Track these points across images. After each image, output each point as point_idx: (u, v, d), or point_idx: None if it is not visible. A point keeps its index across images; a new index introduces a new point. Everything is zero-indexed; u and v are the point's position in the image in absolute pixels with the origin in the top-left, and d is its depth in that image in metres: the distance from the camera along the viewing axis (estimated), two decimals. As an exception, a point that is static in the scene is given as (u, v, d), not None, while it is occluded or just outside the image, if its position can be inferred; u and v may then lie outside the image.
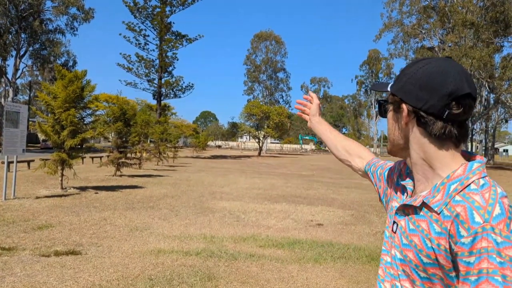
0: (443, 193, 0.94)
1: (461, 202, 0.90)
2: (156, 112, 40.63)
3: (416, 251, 0.94)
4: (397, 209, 1.05)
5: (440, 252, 0.90)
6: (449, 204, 0.91)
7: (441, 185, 0.95)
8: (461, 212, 0.88)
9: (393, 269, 1.03)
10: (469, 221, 0.86)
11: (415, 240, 0.95)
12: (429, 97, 0.95)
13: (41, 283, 4.46)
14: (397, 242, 1.01)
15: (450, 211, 0.90)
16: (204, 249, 6.09)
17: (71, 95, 11.36)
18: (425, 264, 0.93)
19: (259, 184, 15.85)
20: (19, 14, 42.31)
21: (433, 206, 0.93)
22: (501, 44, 38.18)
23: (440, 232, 0.90)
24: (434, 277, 0.92)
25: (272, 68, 77.07)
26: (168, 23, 40.80)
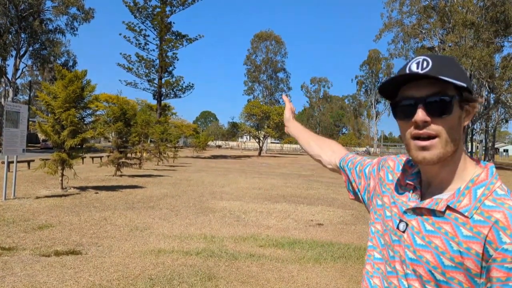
0: (470, 197, 0.93)
1: (497, 207, 0.89)
2: (156, 112, 40.62)
3: (437, 253, 0.93)
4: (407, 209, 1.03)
5: (470, 256, 0.89)
6: (480, 208, 0.91)
7: (466, 189, 0.95)
8: (501, 218, 0.87)
9: (399, 267, 1.01)
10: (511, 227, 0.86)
11: (436, 242, 0.94)
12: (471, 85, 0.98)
13: (41, 283, 4.46)
14: (409, 242, 0.99)
15: (484, 216, 0.89)
16: (205, 249, 6.09)
17: (71, 95, 11.36)
18: (446, 267, 0.91)
19: (259, 184, 15.85)
20: (19, 14, 42.31)
21: (463, 211, 0.92)
22: (501, 44, 38.25)
23: (471, 236, 0.89)
24: (452, 280, 0.91)
25: (272, 68, 77.08)
26: (168, 23, 40.79)
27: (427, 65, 0.95)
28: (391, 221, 1.07)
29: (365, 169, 1.28)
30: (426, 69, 0.95)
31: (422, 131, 0.95)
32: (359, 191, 1.29)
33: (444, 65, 0.95)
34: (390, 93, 1.04)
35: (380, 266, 1.07)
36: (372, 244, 1.12)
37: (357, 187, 1.30)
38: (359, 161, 1.33)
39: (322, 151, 1.48)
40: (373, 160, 1.30)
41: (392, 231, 1.05)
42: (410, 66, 0.99)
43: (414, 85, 0.97)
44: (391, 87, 1.02)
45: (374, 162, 1.28)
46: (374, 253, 1.10)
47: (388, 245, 1.05)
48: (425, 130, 0.95)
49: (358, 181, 1.29)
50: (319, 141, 1.53)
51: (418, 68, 0.96)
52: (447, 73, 0.93)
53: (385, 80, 1.00)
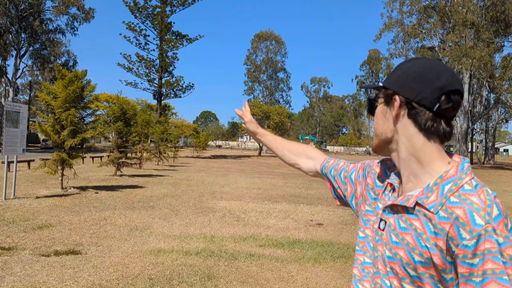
0: (437, 193, 0.95)
1: (459, 203, 0.90)
2: (156, 112, 40.62)
3: (408, 249, 0.95)
4: (385, 207, 1.06)
5: (436, 251, 0.90)
6: (445, 205, 0.92)
7: (435, 185, 0.96)
8: (461, 215, 0.88)
9: (380, 266, 1.03)
10: (471, 223, 0.87)
11: (407, 238, 0.96)
12: (422, 88, 0.99)
13: (41, 282, 4.46)
14: (386, 240, 1.01)
15: (447, 212, 0.91)
16: (204, 248, 6.09)
17: (71, 95, 11.36)
18: (416, 263, 0.93)
19: (259, 184, 15.86)
20: (19, 14, 42.33)
21: (429, 207, 0.94)
22: (501, 44, 38.20)
23: (436, 232, 0.91)
24: (423, 275, 0.93)
25: (272, 68, 77.16)
26: (169, 23, 40.79)
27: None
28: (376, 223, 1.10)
29: (350, 175, 1.29)
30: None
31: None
32: (345, 197, 1.30)
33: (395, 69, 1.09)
34: None
35: (370, 270, 1.08)
36: (360, 248, 1.14)
37: (343, 193, 1.31)
38: (342, 167, 1.34)
39: (299, 158, 1.48)
40: (356, 164, 1.31)
41: (376, 232, 1.08)
42: None
43: None
44: None
45: (358, 166, 1.29)
46: (363, 257, 1.12)
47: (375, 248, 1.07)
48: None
49: (343, 187, 1.30)
50: (294, 147, 1.52)
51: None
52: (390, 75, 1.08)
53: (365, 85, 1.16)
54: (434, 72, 1.00)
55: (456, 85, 0.98)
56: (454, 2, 36.77)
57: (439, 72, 1.00)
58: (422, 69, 1.01)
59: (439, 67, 1.01)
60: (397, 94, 1.02)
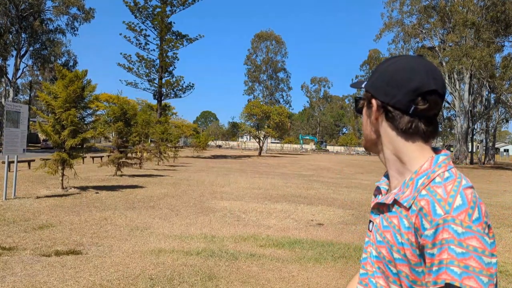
0: (412, 188, 0.95)
1: (426, 196, 0.91)
2: (156, 112, 40.61)
3: (388, 246, 0.96)
4: (372, 208, 1.07)
5: (408, 246, 0.91)
6: (416, 198, 0.93)
7: (410, 180, 0.97)
8: (425, 206, 0.89)
9: (369, 267, 1.04)
10: (431, 213, 0.87)
11: (388, 236, 0.97)
12: (395, 92, 0.99)
13: (41, 282, 4.46)
14: (373, 240, 1.03)
15: (416, 205, 0.92)
16: (205, 248, 6.09)
17: (72, 95, 11.36)
18: (396, 260, 0.94)
19: (260, 184, 15.85)
20: (20, 14, 42.34)
21: (403, 202, 0.95)
22: (501, 43, 38.18)
23: (408, 226, 0.92)
24: (401, 274, 0.94)
25: (273, 68, 77.12)
26: (169, 23, 40.81)
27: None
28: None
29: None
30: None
31: None
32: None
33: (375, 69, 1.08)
34: None
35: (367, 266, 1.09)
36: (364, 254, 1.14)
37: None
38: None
39: None
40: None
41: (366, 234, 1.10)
42: None
43: None
44: None
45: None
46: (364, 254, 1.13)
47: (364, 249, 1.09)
48: None
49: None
50: None
51: None
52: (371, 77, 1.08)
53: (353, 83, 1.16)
54: (407, 73, 0.98)
55: (432, 85, 0.96)
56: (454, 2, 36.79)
57: (413, 73, 0.98)
58: (395, 71, 1.00)
59: (414, 68, 0.99)
60: (374, 98, 1.03)
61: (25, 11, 42.86)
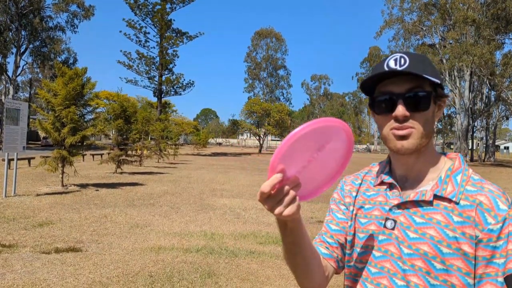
0: (453, 184, 0.99)
1: (479, 191, 0.95)
2: (156, 110, 40.62)
3: (433, 242, 0.95)
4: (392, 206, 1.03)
5: (465, 240, 0.93)
6: (464, 193, 0.96)
7: (447, 177, 1.00)
8: (484, 201, 0.93)
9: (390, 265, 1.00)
10: (495, 208, 0.92)
11: (430, 232, 0.96)
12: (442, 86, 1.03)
13: (41, 280, 4.46)
14: (401, 238, 0.99)
15: (469, 200, 0.95)
16: (205, 246, 6.10)
17: (72, 92, 11.36)
18: (444, 255, 0.94)
19: (260, 182, 15.85)
20: (19, 11, 42.25)
21: (450, 197, 0.97)
22: (502, 41, 38.09)
23: (462, 221, 0.94)
24: (451, 267, 0.93)
25: (273, 65, 77.01)
26: (169, 20, 40.77)
27: (405, 62, 0.98)
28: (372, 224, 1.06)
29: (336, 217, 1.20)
30: (404, 66, 0.98)
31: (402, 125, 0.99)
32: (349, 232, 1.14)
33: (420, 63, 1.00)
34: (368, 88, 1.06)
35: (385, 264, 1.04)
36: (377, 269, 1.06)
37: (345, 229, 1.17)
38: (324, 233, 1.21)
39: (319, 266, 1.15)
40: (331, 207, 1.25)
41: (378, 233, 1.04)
42: (388, 63, 1.01)
43: (392, 81, 1.00)
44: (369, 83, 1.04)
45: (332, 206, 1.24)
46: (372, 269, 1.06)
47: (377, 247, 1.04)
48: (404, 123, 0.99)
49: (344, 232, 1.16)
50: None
51: (396, 65, 0.99)
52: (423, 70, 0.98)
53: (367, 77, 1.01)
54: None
55: None
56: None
57: None
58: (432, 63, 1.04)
59: None
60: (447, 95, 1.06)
61: (25, 9, 42.77)
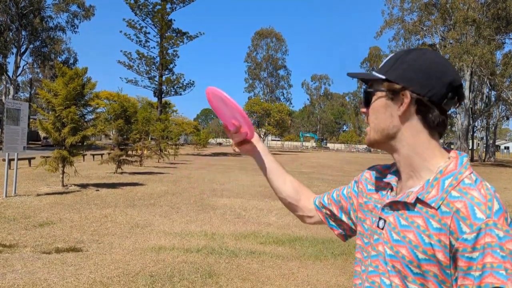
0: (438, 188, 0.93)
1: (460, 197, 0.89)
2: (157, 110, 40.63)
3: (410, 247, 0.93)
4: (384, 205, 1.04)
5: (440, 248, 0.89)
6: (446, 199, 0.91)
7: (435, 180, 0.95)
8: (462, 208, 0.87)
9: (380, 265, 1.01)
10: (471, 217, 0.85)
11: (410, 236, 0.94)
12: (434, 84, 0.96)
13: (42, 280, 4.46)
14: (387, 238, 1.00)
15: (449, 206, 0.89)
16: (205, 246, 6.10)
17: (72, 92, 11.36)
18: (420, 260, 0.92)
19: (260, 182, 15.84)
20: (20, 11, 42.29)
21: (430, 202, 0.92)
22: (502, 41, 38.13)
23: (440, 228, 0.90)
24: (427, 273, 0.92)
25: (273, 65, 77.09)
26: (169, 20, 40.77)
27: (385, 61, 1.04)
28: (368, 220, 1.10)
29: (342, 192, 1.27)
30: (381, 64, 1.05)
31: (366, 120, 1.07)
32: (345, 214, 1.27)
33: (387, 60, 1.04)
34: None
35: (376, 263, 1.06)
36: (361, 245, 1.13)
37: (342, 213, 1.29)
38: (334, 190, 1.32)
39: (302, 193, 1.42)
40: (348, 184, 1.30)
41: (373, 231, 1.06)
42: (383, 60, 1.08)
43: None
44: None
45: (350, 183, 1.28)
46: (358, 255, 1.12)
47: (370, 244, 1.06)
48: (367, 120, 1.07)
49: (338, 206, 1.28)
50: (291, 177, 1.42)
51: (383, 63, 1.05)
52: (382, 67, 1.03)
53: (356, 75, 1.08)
54: (442, 66, 0.97)
55: (460, 79, 0.98)
56: (455, -1, 36.65)
57: (447, 66, 0.98)
58: (430, 63, 0.98)
59: (445, 61, 0.99)
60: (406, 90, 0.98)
61: (25, 9, 42.81)
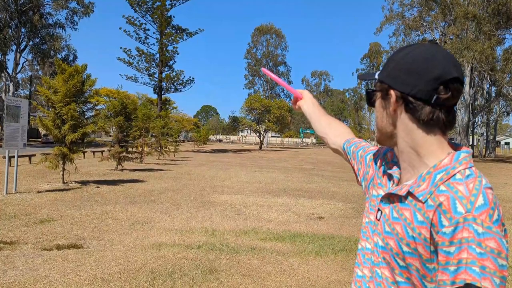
0: (429, 182, 0.93)
1: (445, 192, 0.89)
2: (157, 106, 40.60)
3: (397, 239, 0.94)
4: (382, 197, 1.05)
5: (420, 241, 0.89)
6: (434, 193, 0.91)
7: (427, 174, 0.95)
8: (444, 202, 0.87)
9: (374, 256, 1.03)
10: (451, 210, 0.85)
11: (397, 228, 0.95)
12: (416, 81, 0.95)
13: (43, 276, 4.47)
14: (380, 230, 1.01)
15: (434, 200, 0.90)
16: (206, 242, 6.11)
17: (72, 89, 11.34)
18: (405, 253, 0.93)
19: (260, 178, 15.86)
20: (19, 8, 42.18)
21: (418, 195, 0.93)
22: (503, 36, 38.01)
23: (422, 221, 0.90)
24: (411, 267, 0.92)
25: (273, 61, 76.94)
26: (168, 16, 40.64)
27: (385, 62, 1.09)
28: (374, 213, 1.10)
29: (366, 155, 1.27)
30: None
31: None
32: (358, 175, 1.28)
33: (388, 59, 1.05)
34: None
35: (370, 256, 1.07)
36: (363, 234, 1.12)
37: (356, 171, 1.30)
38: (363, 146, 1.32)
39: (331, 130, 1.46)
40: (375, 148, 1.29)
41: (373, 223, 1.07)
42: None
43: None
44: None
45: (375, 151, 1.26)
46: (365, 243, 1.10)
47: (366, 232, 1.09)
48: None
49: (358, 166, 1.28)
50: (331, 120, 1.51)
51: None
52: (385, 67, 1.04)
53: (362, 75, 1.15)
54: (427, 61, 0.95)
55: (453, 72, 0.94)
56: (455, -6, 36.52)
57: (434, 60, 0.95)
58: (414, 60, 0.96)
59: (434, 55, 0.96)
60: (392, 89, 0.99)
61: (24, 6, 42.68)
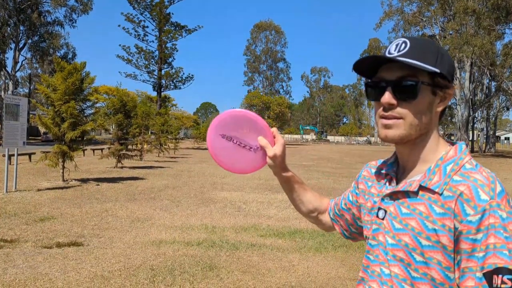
0: (440, 174, 0.94)
1: (463, 181, 0.90)
2: (156, 104, 40.59)
3: (414, 234, 0.94)
4: (384, 196, 1.04)
5: (444, 232, 0.89)
6: (449, 184, 0.91)
7: (436, 167, 0.96)
8: (465, 191, 0.88)
9: (380, 255, 1.02)
10: (475, 199, 0.86)
11: (412, 224, 0.95)
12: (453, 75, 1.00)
13: (43, 274, 4.48)
14: (388, 228, 1.00)
15: (452, 191, 0.90)
16: (206, 239, 6.12)
17: (71, 87, 11.33)
18: (423, 247, 0.92)
19: (260, 175, 15.85)
20: (17, 6, 42.06)
21: (433, 188, 0.93)
22: (502, 31, 37.92)
23: (443, 212, 0.90)
24: (430, 261, 0.92)
25: (272, 58, 76.85)
26: (167, 13, 40.62)
27: (404, 47, 0.96)
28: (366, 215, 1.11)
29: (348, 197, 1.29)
30: (402, 52, 0.96)
31: (387, 113, 0.97)
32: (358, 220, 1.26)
33: (421, 49, 0.96)
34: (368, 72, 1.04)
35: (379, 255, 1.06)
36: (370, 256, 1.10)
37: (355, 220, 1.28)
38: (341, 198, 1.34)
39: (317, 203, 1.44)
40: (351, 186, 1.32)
41: (373, 222, 1.07)
42: (389, 48, 1.00)
43: (388, 67, 0.98)
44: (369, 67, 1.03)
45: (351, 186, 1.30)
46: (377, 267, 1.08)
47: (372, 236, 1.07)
48: (390, 112, 0.97)
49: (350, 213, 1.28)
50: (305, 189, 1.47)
51: (396, 50, 0.97)
52: (422, 57, 0.94)
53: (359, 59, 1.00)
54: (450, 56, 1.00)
55: None
56: (455, -11, 36.41)
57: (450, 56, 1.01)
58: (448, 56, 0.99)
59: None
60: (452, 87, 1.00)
61: (23, 4, 42.56)
